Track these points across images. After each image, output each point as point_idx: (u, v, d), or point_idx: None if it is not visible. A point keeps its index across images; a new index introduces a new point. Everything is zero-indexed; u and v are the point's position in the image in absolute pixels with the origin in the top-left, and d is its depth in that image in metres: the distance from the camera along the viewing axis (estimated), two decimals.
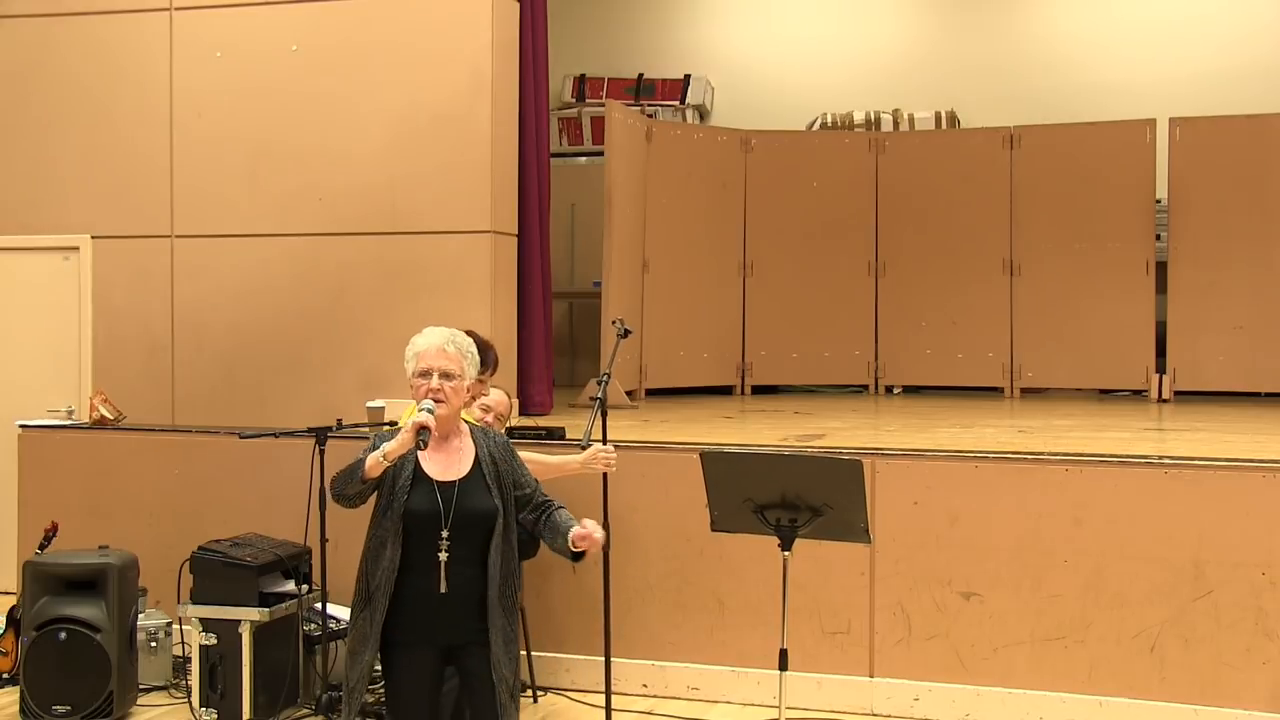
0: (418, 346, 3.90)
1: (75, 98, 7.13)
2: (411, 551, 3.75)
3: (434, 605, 3.73)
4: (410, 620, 3.75)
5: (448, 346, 3.88)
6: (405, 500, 3.76)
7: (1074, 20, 10.19)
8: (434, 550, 3.73)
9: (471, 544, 3.77)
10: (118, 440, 6.52)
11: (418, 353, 3.89)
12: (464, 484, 3.82)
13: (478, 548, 3.78)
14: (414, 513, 3.75)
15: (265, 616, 5.33)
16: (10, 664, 5.86)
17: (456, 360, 3.87)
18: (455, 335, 3.95)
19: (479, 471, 3.86)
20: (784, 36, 10.71)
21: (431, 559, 3.73)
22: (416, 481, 3.80)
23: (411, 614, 3.75)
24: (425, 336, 3.93)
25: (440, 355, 3.86)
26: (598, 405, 4.85)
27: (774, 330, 9.43)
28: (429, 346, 3.88)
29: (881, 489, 5.47)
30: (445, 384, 3.82)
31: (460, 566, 3.74)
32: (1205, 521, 5.15)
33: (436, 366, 3.84)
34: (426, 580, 3.73)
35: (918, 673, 5.45)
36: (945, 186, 9.43)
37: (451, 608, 3.74)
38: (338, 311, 6.76)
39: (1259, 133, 8.75)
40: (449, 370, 3.84)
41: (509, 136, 6.84)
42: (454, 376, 3.84)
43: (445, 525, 3.73)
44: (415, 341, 3.93)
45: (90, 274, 7.10)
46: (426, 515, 3.75)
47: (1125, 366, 9.01)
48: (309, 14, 6.82)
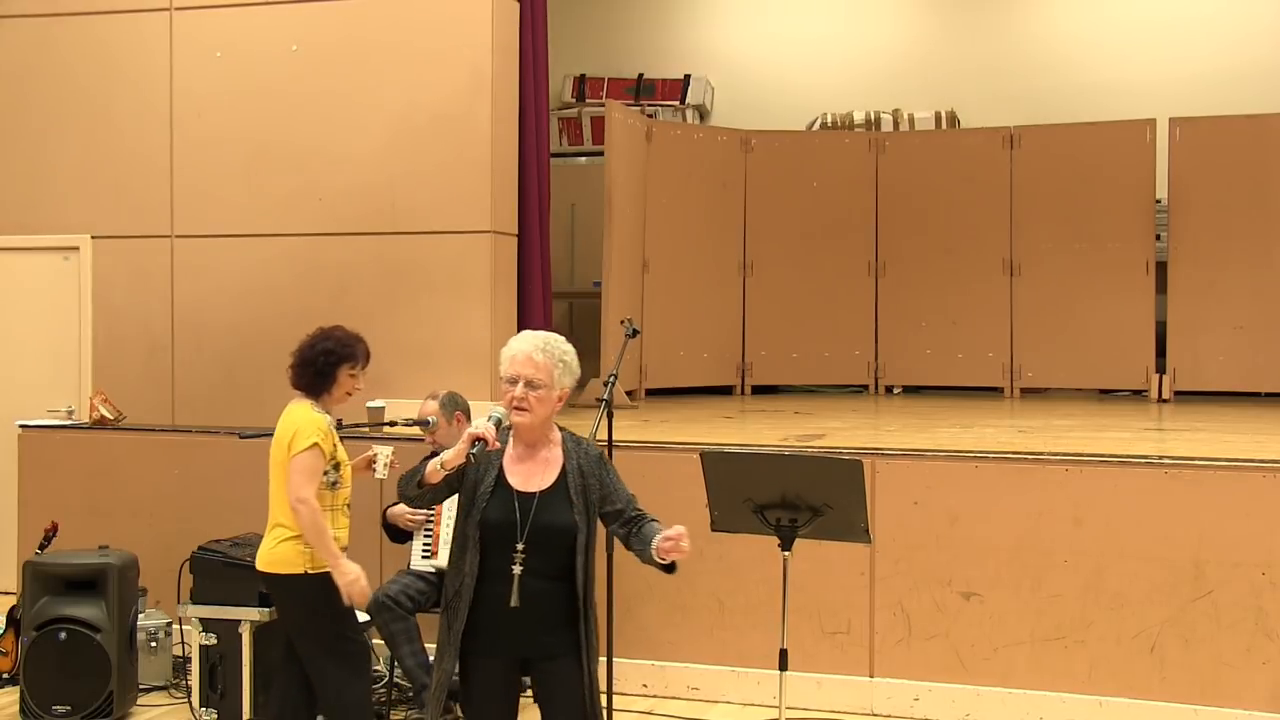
0: (510, 350, 3.75)
1: (75, 98, 7.13)
2: (489, 561, 3.62)
3: (506, 617, 3.60)
4: (484, 630, 3.63)
5: (536, 354, 3.70)
6: (483, 508, 3.63)
7: (1074, 20, 10.18)
8: (509, 562, 3.60)
9: (548, 558, 3.63)
10: (118, 440, 6.52)
11: (508, 357, 3.73)
12: (545, 496, 3.67)
13: (555, 561, 3.64)
14: (489, 522, 3.62)
15: (265, 616, 5.33)
16: (10, 664, 5.86)
17: (545, 369, 3.69)
18: (549, 341, 3.76)
19: (563, 484, 3.70)
20: (784, 36, 10.71)
21: (506, 570, 3.59)
22: (497, 490, 3.66)
23: (485, 624, 3.63)
24: (518, 341, 3.77)
25: (528, 363, 3.68)
26: (604, 406, 4.85)
27: (774, 330, 9.42)
28: (518, 352, 3.71)
29: (881, 489, 5.47)
30: (529, 393, 3.65)
31: (535, 579, 3.60)
32: (1205, 521, 5.15)
33: (523, 374, 3.67)
34: (501, 591, 3.60)
35: (918, 673, 5.45)
36: (945, 186, 9.43)
37: (524, 621, 3.61)
38: (338, 311, 6.71)
39: (1259, 133, 8.75)
40: (535, 379, 3.66)
41: (509, 136, 6.84)
42: (540, 386, 3.67)
43: (520, 538, 3.60)
44: (510, 344, 3.78)
45: (90, 274, 7.11)
46: (502, 525, 3.61)
47: (1125, 366, 9.00)
48: (309, 14, 6.82)
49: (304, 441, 4.49)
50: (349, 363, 4.68)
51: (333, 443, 4.59)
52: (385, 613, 5.28)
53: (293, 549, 4.50)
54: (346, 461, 4.69)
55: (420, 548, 5.45)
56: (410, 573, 5.45)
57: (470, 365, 6.42)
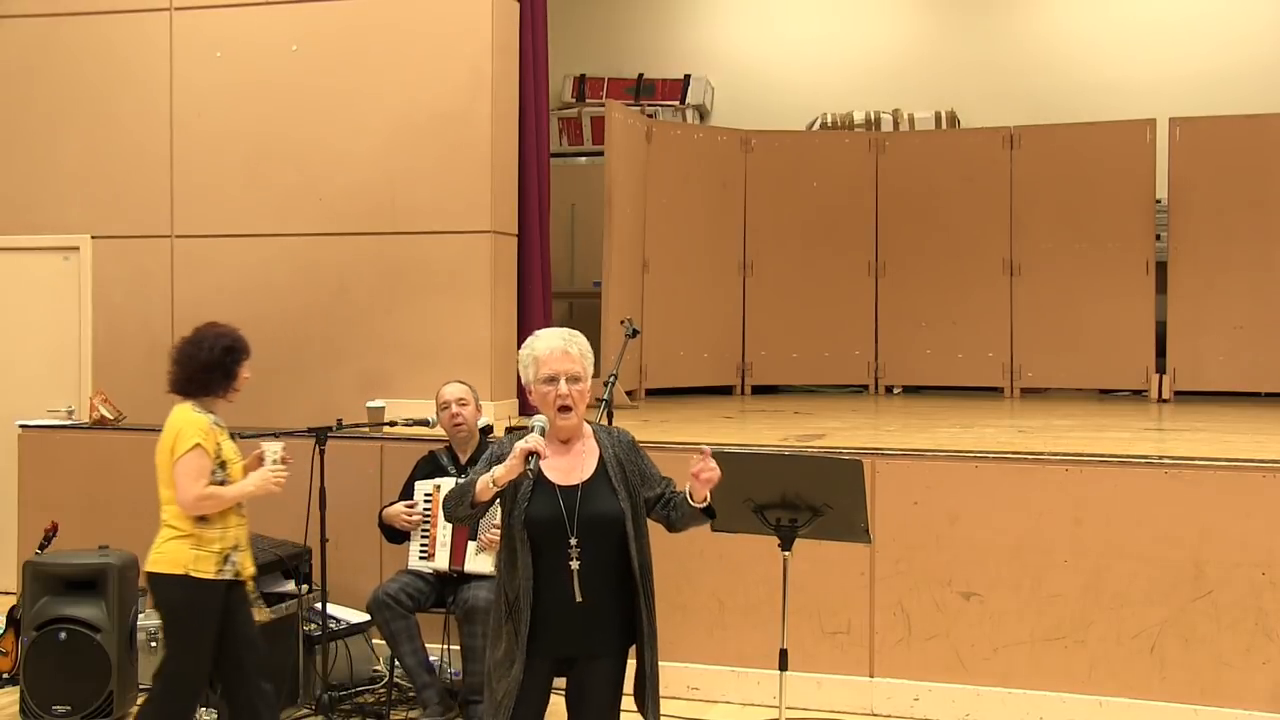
0: (537, 351, 3.67)
1: (76, 97, 7.14)
2: (543, 560, 3.55)
3: (570, 615, 3.53)
4: (543, 631, 3.55)
5: (570, 348, 3.66)
6: (526, 508, 3.56)
7: (1074, 20, 10.18)
8: (564, 558, 3.53)
9: (601, 549, 3.57)
10: (118, 440, 6.52)
11: (538, 357, 3.66)
12: (587, 487, 3.61)
13: (608, 552, 3.58)
14: (536, 520, 3.55)
15: (265, 616, 5.33)
16: (10, 664, 5.86)
17: (580, 362, 3.65)
18: (574, 335, 3.73)
19: (604, 473, 3.65)
20: (784, 36, 10.71)
21: (563, 567, 3.53)
22: (538, 487, 3.59)
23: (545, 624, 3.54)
24: (543, 339, 3.70)
25: (565, 358, 3.63)
26: (604, 406, 4.85)
27: (774, 330, 9.42)
28: (550, 350, 3.65)
29: (881, 489, 5.47)
30: (573, 388, 3.61)
31: (591, 573, 3.54)
32: (1205, 521, 5.15)
33: (563, 371, 3.61)
34: (558, 590, 3.52)
35: (918, 673, 5.45)
36: (945, 186, 9.43)
37: (587, 617, 3.55)
38: (338, 311, 6.76)
39: (1259, 133, 8.75)
40: (575, 373, 3.62)
41: (509, 136, 6.84)
42: (580, 379, 3.63)
43: (572, 531, 3.53)
44: (534, 346, 3.70)
45: (90, 274, 7.11)
46: (550, 522, 3.55)
47: (1125, 366, 9.00)
48: (309, 14, 6.82)
49: (186, 443, 4.46)
50: (247, 357, 4.67)
51: (216, 441, 4.54)
52: (385, 611, 5.28)
53: (179, 548, 4.46)
54: (235, 459, 4.62)
55: (417, 549, 5.45)
56: (409, 572, 5.45)
57: (470, 365, 6.41)
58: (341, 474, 5.72)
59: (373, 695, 5.66)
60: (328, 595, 5.50)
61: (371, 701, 5.60)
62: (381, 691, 5.54)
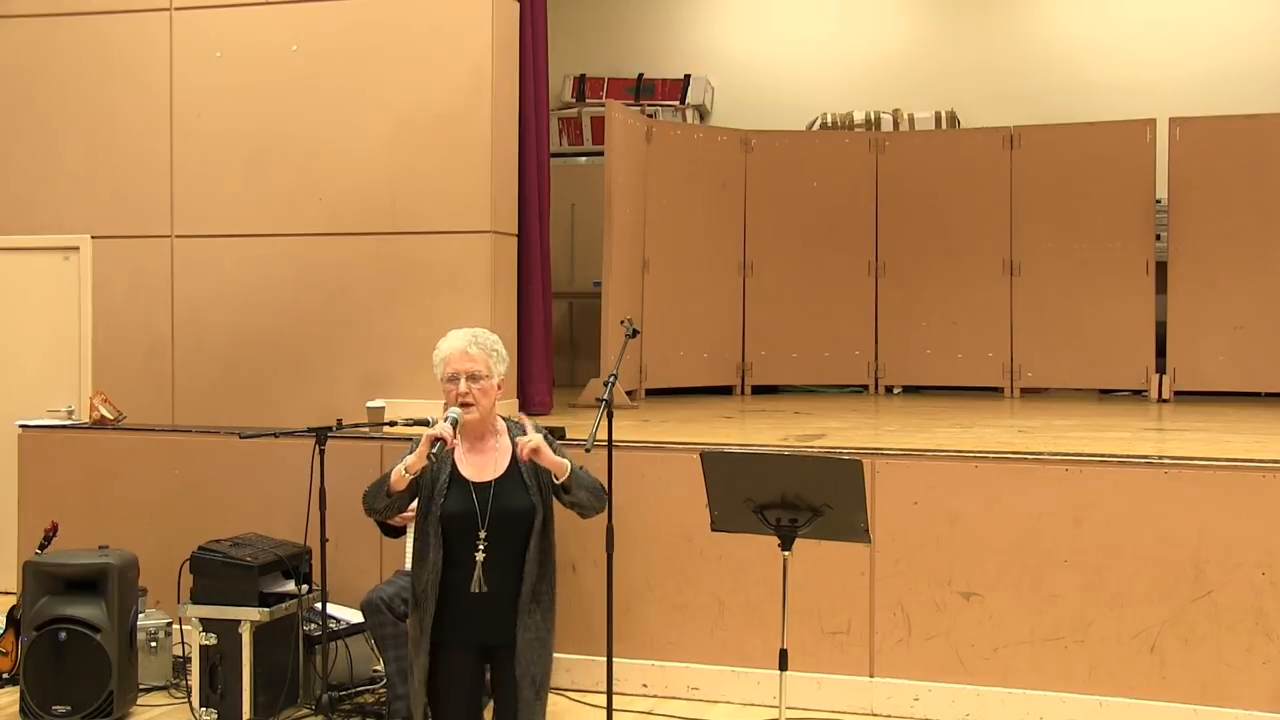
0: (442, 351, 3.85)
1: (75, 97, 7.14)
2: (453, 553, 3.73)
3: (472, 605, 3.72)
4: (453, 620, 3.73)
5: (471, 348, 3.82)
6: (443, 503, 3.73)
7: (1074, 20, 10.19)
8: (473, 551, 3.71)
9: (510, 543, 3.75)
10: (118, 440, 6.52)
11: (443, 358, 3.84)
12: (500, 483, 3.79)
13: (517, 547, 3.76)
14: (451, 515, 3.73)
15: (265, 616, 5.33)
16: (10, 664, 5.86)
17: (482, 360, 3.81)
18: (478, 335, 3.89)
19: (515, 469, 3.82)
20: (784, 36, 10.71)
21: (471, 559, 3.71)
22: (453, 484, 3.77)
23: (454, 614, 3.73)
24: (448, 340, 3.87)
25: (464, 358, 3.80)
26: (603, 406, 4.84)
27: (774, 330, 9.43)
28: (452, 350, 3.83)
29: (881, 489, 5.47)
30: (473, 386, 3.76)
31: (499, 566, 3.72)
32: (1205, 521, 5.15)
33: (463, 370, 3.78)
34: (465, 580, 3.71)
35: (918, 673, 5.45)
36: (945, 186, 9.43)
37: (490, 607, 3.72)
38: (338, 311, 6.76)
39: (1259, 133, 8.75)
40: (475, 371, 3.79)
41: (509, 136, 6.84)
42: (481, 377, 3.79)
43: (483, 525, 3.71)
44: (440, 346, 3.88)
45: (90, 274, 7.11)
46: (464, 516, 3.72)
47: (1125, 366, 9.01)
48: (309, 14, 6.82)
49: None
50: None
51: None
52: (376, 615, 5.25)
53: None
54: None
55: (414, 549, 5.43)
56: (406, 573, 5.44)
57: None
58: (341, 474, 5.71)
59: (373, 695, 5.65)
60: (328, 595, 5.49)
61: (371, 701, 5.59)
62: (382, 691, 5.54)
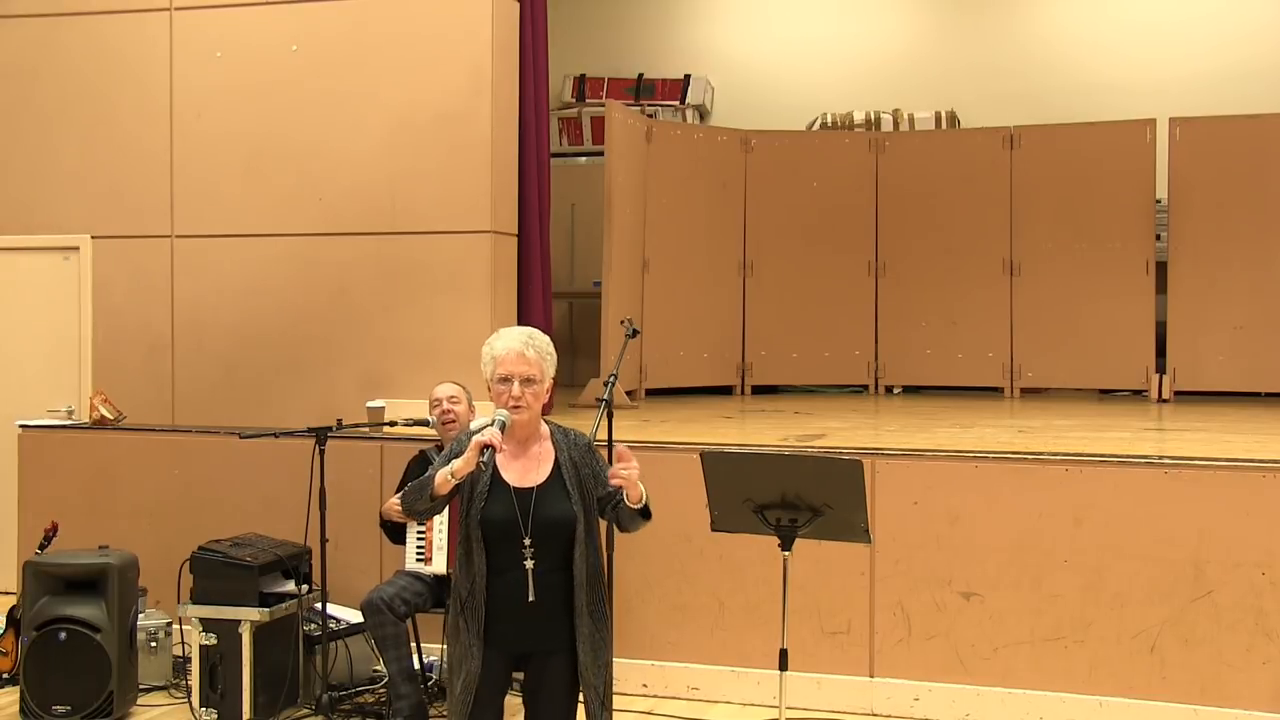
0: (495, 350, 3.70)
1: (76, 97, 7.14)
2: (496, 559, 3.63)
3: (523, 613, 3.61)
4: (497, 627, 3.64)
5: (528, 351, 3.68)
6: (482, 507, 3.63)
7: (1074, 20, 10.19)
8: (518, 558, 3.60)
9: (554, 550, 3.64)
10: (118, 440, 6.52)
11: (495, 357, 3.69)
12: (542, 490, 3.67)
13: (559, 554, 3.65)
14: (492, 521, 3.62)
15: (265, 616, 5.33)
16: (10, 664, 5.86)
17: (537, 364, 3.68)
18: (534, 336, 3.75)
19: (558, 476, 3.71)
20: (784, 36, 10.71)
21: (517, 566, 3.60)
22: (494, 488, 3.66)
23: (499, 621, 3.63)
24: (503, 339, 3.73)
25: (521, 361, 3.66)
26: (604, 406, 4.83)
27: (774, 330, 9.43)
28: (508, 351, 3.68)
29: (881, 489, 5.47)
30: (526, 390, 3.64)
31: (545, 573, 3.62)
32: (1205, 521, 5.15)
33: (517, 373, 3.64)
34: (515, 588, 3.61)
35: (918, 673, 5.45)
36: (945, 186, 9.44)
37: (540, 615, 3.62)
38: (338, 311, 6.76)
39: (1259, 133, 8.75)
40: (530, 375, 3.65)
41: (509, 136, 6.84)
42: (535, 381, 3.66)
43: (526, 533, 3.60)
44: (493, 344, 3.74)
45: (90, 274, 7.11)
46: (505, 523, 3.62)
47: (1125, 366, 9.01)
48: (309, 14, 6.82)
49: None
50: None
51: None
52: (376, 615, 5.25)
53: None
54: None
55: (414, 551, 5.44)
56: (407, 574, 5.44)
57: (470, 365, 6.31)
58: (341, 474, 5.73)
59: (373, 695, 5.66)
60: (328, 595, 5.50)
61: (371, 701, 5.59)
62: (382, 691, 5.54)
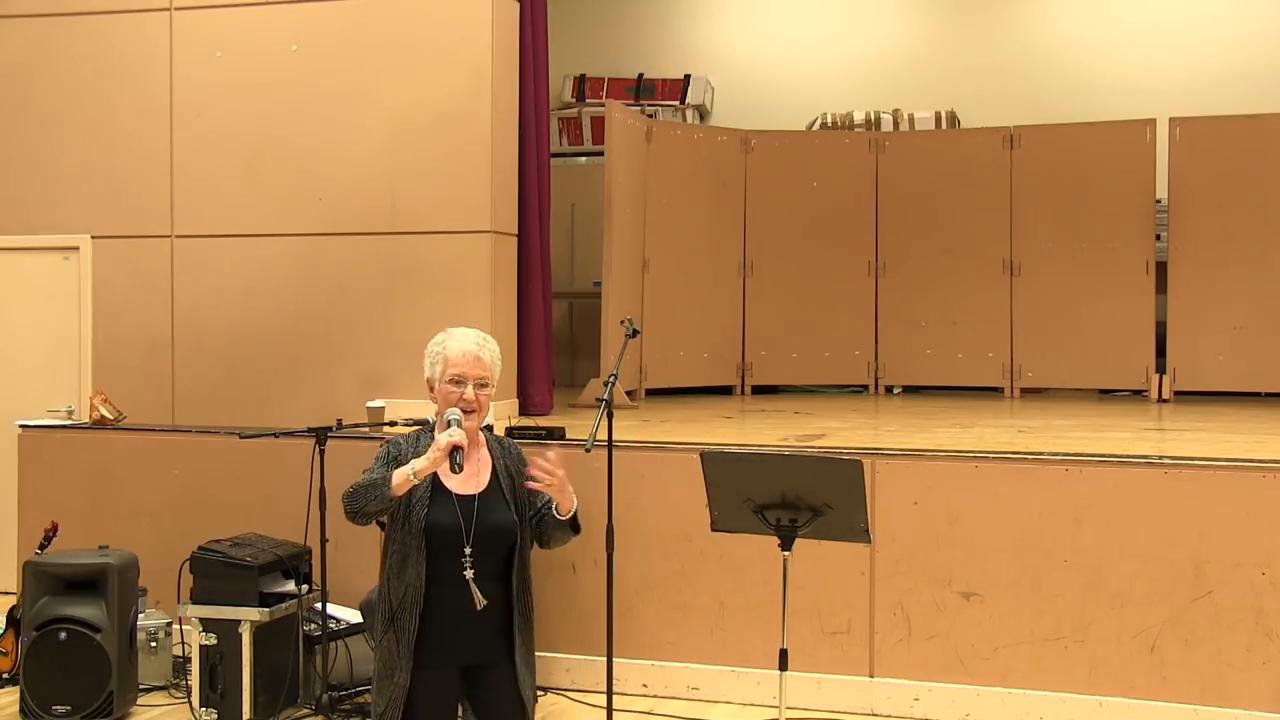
0: (449, 351, 3.61)
1: (75, 97, 7.13)
2: (434, 568, 3.52)
3: (461, 624, 3.51)
4: (438, 640, 3.52)
5: (483, 354, 3.62)
6: (425, 514, 3.52)
7: (1074, 20, 10.19)
8: (457, 566, 3.50)
9: (493, 559, 3.57)
10: (118, 440, 6.52)
11: (448, 358, 3.61)
12: (484, 498, 3.60)
13: (499, 563, 3.58)
14: (436, 528, 3.51)
15: (265, 616, 5.33)
16: (10, 664, 5.86)
17: (489, 367, 3.63)
18: (486, 340, 3.69)
19: (497, 484, 3.64)
20: (784, 36, 10.72)
21: (456, 575, 3.50)
22: (435, 494, 3.55)
23: (439, 633, 3.51)
24: (456, 341, 3.64)
25: (476, 363, 3.60)
26: (603, 406, 4.83)
27: (774, 330, 9.43)
28: (463, 353, 3.60)
29: (881, 489, 5.47)
30: (479, 393, 3.58)
31: (484, 582, 3.53)
32: (1205, 521, 5.15)
33: (472, 375, 3.58)
34: (452, 598, 3.50)
35: (918, 673, 5.45)
36: (945, 186, 9.44)
37: (478, 626, 3.53)
38: (338, 311, 6.76)
39: (1259, 133, 8.75)
40: (484, 378, 3.60)
41: (509, 136, 6.84)
42: (488, 385, 3.61)
43: (468, 541, 3.51)
44: (445, 345, 3.64)
45: (90, 274, 7.10)
46: (448, 530, 3.51)
47: (1125, 366, 9.01)
48: (309, 14, 6.82)
49: None
50: None
51: None
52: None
53: None
54: None
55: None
56: None
57: None
58: (342, 474, 5.69)
59: (365, 695, 5.65)
60: (328, 595, 5.49)
61: (365, 701, 5.59)
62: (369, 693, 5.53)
